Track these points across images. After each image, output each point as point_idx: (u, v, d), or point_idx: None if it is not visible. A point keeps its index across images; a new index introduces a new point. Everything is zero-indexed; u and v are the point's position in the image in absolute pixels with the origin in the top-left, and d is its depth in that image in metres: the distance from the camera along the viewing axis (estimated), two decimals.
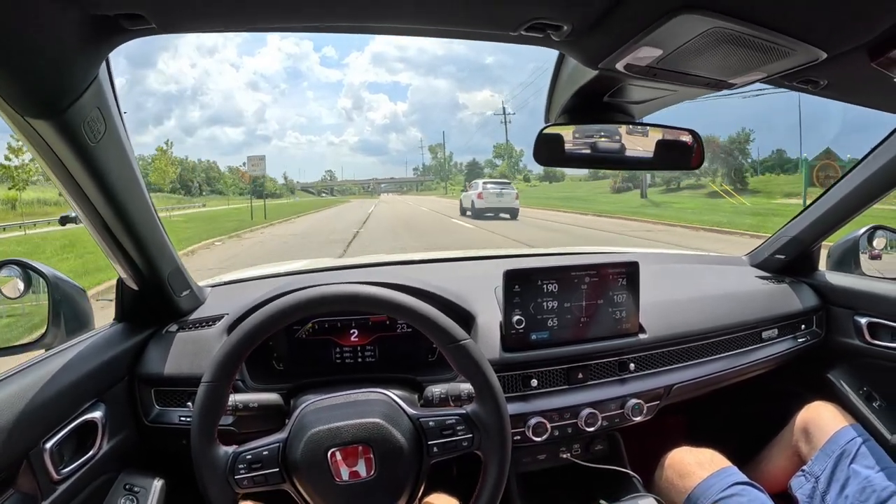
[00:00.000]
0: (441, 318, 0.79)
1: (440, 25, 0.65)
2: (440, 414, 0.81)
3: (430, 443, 0.80)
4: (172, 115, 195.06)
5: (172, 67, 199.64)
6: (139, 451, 1.05)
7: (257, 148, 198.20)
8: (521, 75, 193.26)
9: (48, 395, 0.84)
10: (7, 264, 1.09)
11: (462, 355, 0.79)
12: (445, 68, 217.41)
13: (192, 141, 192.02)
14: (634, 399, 1.13)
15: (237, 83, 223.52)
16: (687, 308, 1.29)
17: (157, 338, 1.11)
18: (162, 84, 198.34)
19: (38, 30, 0.53)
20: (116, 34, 0.61)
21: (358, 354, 1.12)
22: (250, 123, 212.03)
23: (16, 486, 0.78)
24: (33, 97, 0.61)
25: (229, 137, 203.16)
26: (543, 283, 1.10)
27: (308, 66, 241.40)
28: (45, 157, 0.71)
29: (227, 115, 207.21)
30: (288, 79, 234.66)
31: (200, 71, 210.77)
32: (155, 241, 0.97)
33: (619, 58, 0.68)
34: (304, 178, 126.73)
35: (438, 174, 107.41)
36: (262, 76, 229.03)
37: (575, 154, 0.89)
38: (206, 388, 0.76)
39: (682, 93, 0.87)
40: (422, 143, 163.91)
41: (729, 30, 0.58)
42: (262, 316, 0.77)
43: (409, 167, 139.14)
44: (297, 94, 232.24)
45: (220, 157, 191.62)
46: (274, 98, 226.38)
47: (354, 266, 1.55)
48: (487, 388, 0.79)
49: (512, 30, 0.63)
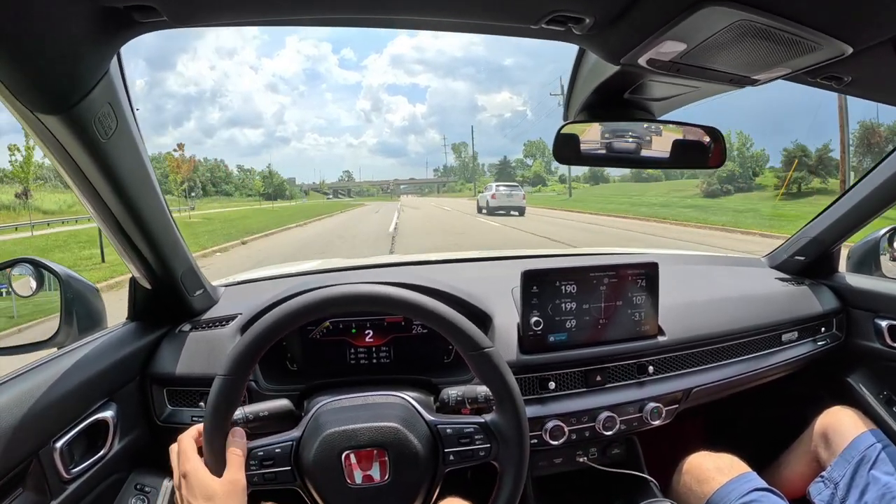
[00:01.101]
0: (465, 323, 0.78)
1: (460, 18, 0.64)
2: (459, 422, 0.80)
3: (447, 450, 0.79)
4: (192, 116, 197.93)
5: (191, 69, 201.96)
6: (150, 451, 1.05)
7: (277, 150, 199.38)
8: (539, 76, 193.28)
9: (59, 394, 0.84)
10: (20, 262, 1.10)
11: (485, 363, 0.78)
12: (464, 70, 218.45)
13: (211, 142, 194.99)
14: (653, 402, 1.12)
15: (256, 85, 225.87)
16: (706, 310, 1.28)
17: (170, 337, 1.11)
18: (181, 86, 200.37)
19: (47, 22, 0.53)
20: (128, 27, 0.60)
21: (373, 355, 1.12)
22: (269, 125, 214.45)
23: (25, 485, 0.78)
24: (43, 92, 0.60)
25: (248, 139, 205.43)
26: (561, 284, 1.09)
27: (327, 68, 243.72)
28: (56, 153, 0.71)
29: (246, 117, 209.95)
30: (307, 80, 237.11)
31: (219, 73, 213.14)
32: (168, 240, 0.96)
33: (641, 52, 0.67)
34: (320, 179, 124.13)
35: (463, 174, 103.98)
36: (280, 78, 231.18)
37: (594, 153, 0.89)
38: (222, 381, 0.75)
39: (703, 89, 0.86)
40: (445, 142, 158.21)
41: (755, 22, 0.57)
42: (286, 309, 0.76)
43: (429, 168, 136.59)
44: (316, 95, 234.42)
45: (239, 158, 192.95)
46: (293, 100, 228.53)
47: (369, 266, 1.55)
48: (509, 399, 0.78)
49: (533, 23, 0.62)
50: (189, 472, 0.72)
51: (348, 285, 0.78)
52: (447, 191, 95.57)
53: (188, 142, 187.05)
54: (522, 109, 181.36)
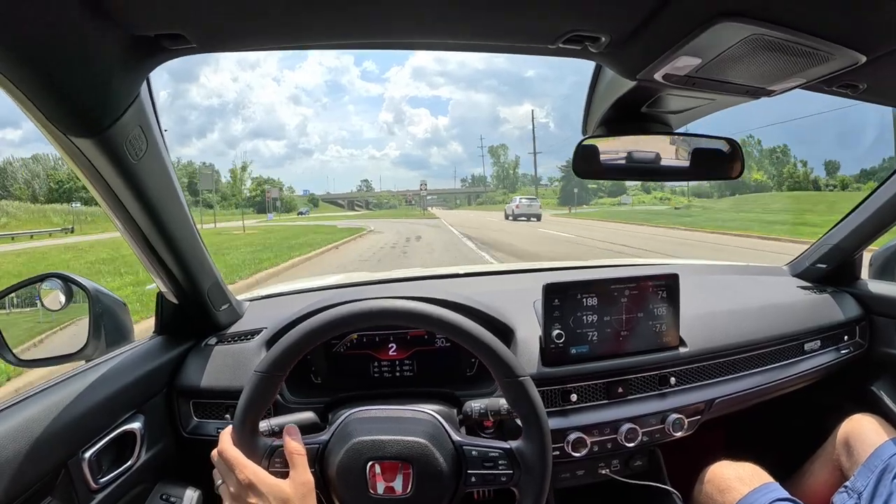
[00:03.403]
0: (503, 349, 0.81)
1: (479, 40, 0.68)
2: (484, 445, 0.83)
3: (470, 471, 0.81)
4: (215, 128, 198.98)
5: (214, 81, 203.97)
6: (176, 462, 1.09)
7: (299, 161, 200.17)
8: (561, 88, 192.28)
9: (88, 406, 0.88)
10: (49, 277, 1.15)
11: (518, 391, 0.80)
12: (486, 82, 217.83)
13: (234, 153, 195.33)
14: (675, 414, 1.14)
15: (279, 97, 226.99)
16: (728, 320, 1.30)
17: (196, 351, 1.15)
18: (204, 98, 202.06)
19: (81, 51, 0.56)
20: (157, 53, 0.64)
21: (396, 368, 1.15)
22: (292, 137, 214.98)
23: (54, 495, 0.81)
24: (76, 116, 0.64)
25: (271, 150, 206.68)
26: (583, 296, 1.11)
27: (349, 80, 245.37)
28: (88, 174, 0.75)
29: (269, 129, 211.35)
30: (329, 93, 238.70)
31: (242, 85, 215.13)
32: (195, 255, 1.01)
33: (657, 68, 0.70)
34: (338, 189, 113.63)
35: (503, 182, 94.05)
36: (303, 90, 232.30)
37: (614, 164, 0.92)
38: (258, 377, 0.78)
39: (720, 101, 0.89)
40: (481, 143, 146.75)
41: (768, 36, 0.60)
42: (326, 318, 0.79)
43: (456, 179, 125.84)
44: (339, 107, 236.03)
45: (262, 169, 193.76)
46: (315, 112, 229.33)
47: (392, 280, 1.58)
48: (537, 428, 0.80)
49: (550, 43, 0.66)
50: (253, 480, 0.72)
51: (393, 300, 0.81)
52: (482, 202, 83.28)
53: (211, 153, 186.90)
54: (545, 121, 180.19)
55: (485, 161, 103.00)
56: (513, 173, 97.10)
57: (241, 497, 0.73)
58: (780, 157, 54.71)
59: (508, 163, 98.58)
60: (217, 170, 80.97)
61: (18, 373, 3.97)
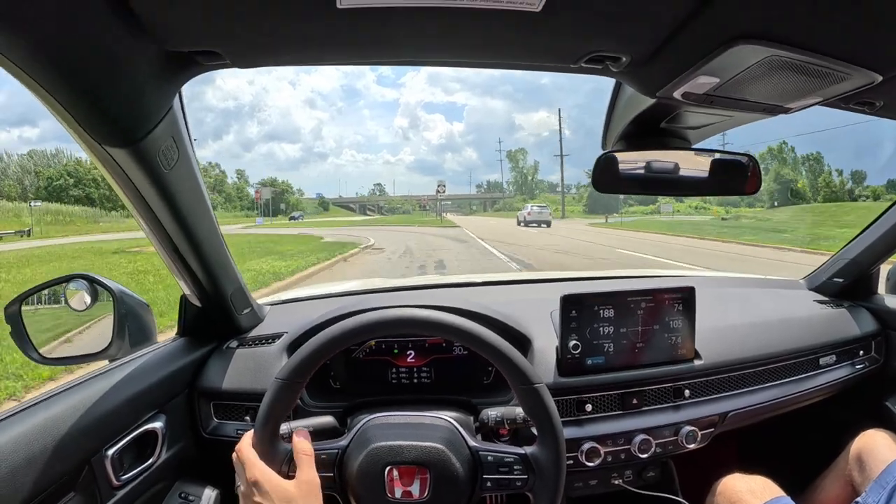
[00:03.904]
0: (519, 357, 0.83)
1: (503, 59, 0.70)
2: (500, 450, 0.85)
3: (485, 476, 0.83)
4: (231, 130, 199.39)
5: (230, 84, 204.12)
6: (195, 462, 1.12)
7: (314, 165, 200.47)
8: (577, 96, 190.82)
9: (112, 405, 0.91)
10: (75, 278, 1.19)
11: (534, 398, 0.82)
12: (502, 88, 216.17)
13: (249, 156, 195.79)
14: (689, 426, 1.15)
15: (294, 101, 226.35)
16: (743, 333, 1.31)
17: (218, 353, 1.18)
18: (220, 100, 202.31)
19: (118, 65, 0.58)
20: (191, 68, 0.66)
21: (414, 375, 1.18)
22: (307, 140, 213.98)
23: (77, 490, 0.83)
24: (112, 128, 0.66)
25: (287, 154, 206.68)
26: (600, 308, 1.13)
27: (364, 85, 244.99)
28: (120, 181, 0.78)
29: (284, 132, 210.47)
30: (345, 97, 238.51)
31: (258, 88, 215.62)
32: (220, 261, 1.04)
33: (676, 86, 0.72)
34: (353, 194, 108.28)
35: (521, 188, 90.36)
36: (319, 94, 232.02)
37: (632, 180, 0.94)
38: (279, 384, 0.80)
39: (738, 118, 0.90)
40: (500, 147, 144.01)
41: (784, 57, 0.61)
42: (346, 326, 0.81)
43: (471, 185, 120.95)
44: (354, 112, 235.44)
45: (277, 172, 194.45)
46: (331, 116, 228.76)
47: (409, 287, 1.60)
48: (552, 435, 0.82)
49: (572, 62, 0.68)
50: (260, 479, 0.74)
51: (412, 309, 0.83)
52: (500, 208, 77.53)
53: (226, 155, 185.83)
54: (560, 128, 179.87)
55: (503, 166, 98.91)
56: (531, 179, 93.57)
57: (249, 495, 0.75)
58: (814, 165, 53.20)
59: (527, 168, 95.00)
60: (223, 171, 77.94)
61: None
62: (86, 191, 42.65)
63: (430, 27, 0.60)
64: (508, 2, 0.53)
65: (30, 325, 1.06)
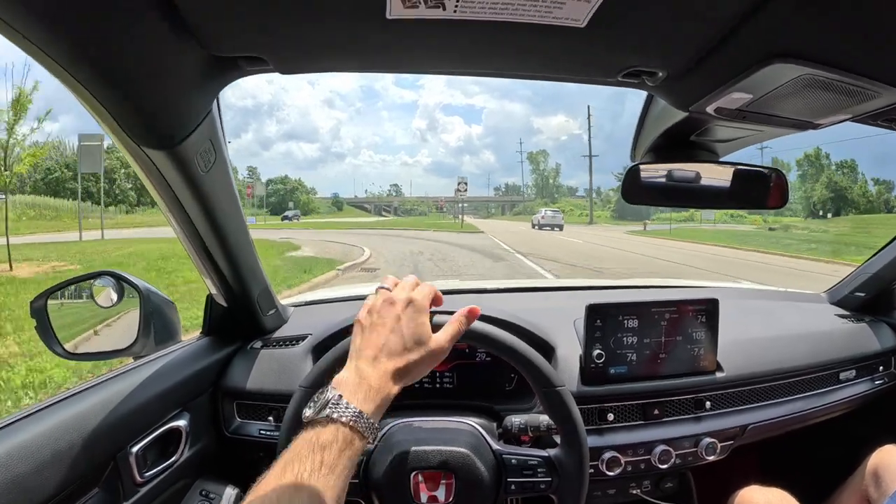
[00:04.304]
0: (541, 360, 0.84)
1: (544, 72, 0.72)
2: (524, 454, 0.86)
3: (510, 479, 0.85)
4: (250, 128, 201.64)
5: (249, 82, 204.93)
6: (217, 460, 1.14)
7: (332, 165, 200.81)
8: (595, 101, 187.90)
9: (138, 402, 0.92)
10: (102, 275, 1.22)
11: (556, 401, 0.84)
12: (521, 92, 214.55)
13: (268, 154, 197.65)
14: (709, 438, 1.15)
15: (313, 100, 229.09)
16: (764, 346, 1.31)
17: (242, 353, 1.20)
18: (239, 98, 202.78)
19: (163, 68, 0.59)
20: (233, 72, 0.68)
21: (437, 380, 1.19)
22: (325, 140, 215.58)
23: (101, 486, 0.85)
24: (153, 130, 0.67)
25: (304, 153, 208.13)
26: (624, 318, 1.13)
27: (383, 86, 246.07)
28: (155, 181, 0.79)
29: (302, 131, 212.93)
30: (363, 98, 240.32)
31: (277, 87, 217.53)
32: (248, 262, 1.05)
33: (709, 102, 0.73)
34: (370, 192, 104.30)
35: (541, 192, 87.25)
36: (337, 94, 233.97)
37: (662, 192, 0.95)
38: (304, 392, 0.82)
39: (767, 132, 0.91)
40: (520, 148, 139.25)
41: (818, 76, 0.62)
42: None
43: (490, 187, 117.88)
44: (373, 113, 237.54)
45: (295, 171, 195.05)
46: (349, 116, 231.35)
47: None
48: (575, 437, 0.83)
49: (610, 77, 0.70)
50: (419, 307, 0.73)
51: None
52: (519, 212, 74.08)
53: (245, 154, 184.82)
54: (578, 133, 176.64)
55: (523, 167, 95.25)
56: (553, 182, 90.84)
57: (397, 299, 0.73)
58: (848, 172, 51.07)
59: (549, 170, 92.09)
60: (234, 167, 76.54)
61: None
62: (84, 184, 42.21)
63: (475, 39, 0.61)
64: (554, 17, 0.54)
65: (55, 321, 1.08)
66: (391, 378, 0.68)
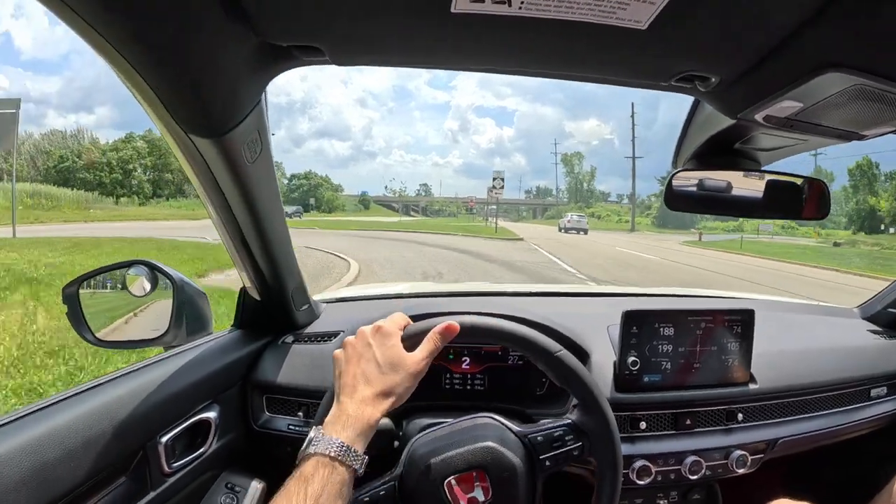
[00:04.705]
0: (533, 333, 0.85)
1: (599, 74, 0.72)
2: (547, 428, 0.86)
3: (542, 457, 0.84)
4: (282, 125, 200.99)
5: (282, 80, 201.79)
6: (244, 453, 1.14)
7: (363, 163, 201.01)
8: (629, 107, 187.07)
9: (169, 393, 0.93)
10: (136, 263, 1.23)
11: (560, 365, 0.84)
12: (553, 95, 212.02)
13: (300, 152, 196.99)
14: (739, 450, 1.15)
15: (346, 99, 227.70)
16: (796, 359, 1.30)
17: (273, 347, 1.20)
18: (272, 95, 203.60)
19: (216, 54, 0.59)
20: (286, 61, 0.67)
21: (468, 382, 1.19)
22: (357, 139, 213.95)
23: (128, 475, 0.85)
24: (203, 118, 0.67)
25: (336, 151, 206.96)
26: (660, 326, 1.13)
27: (416, 86, 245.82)
28: (199, 171, 0.78)
29: (335, 129, 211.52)
30: (396, 97, 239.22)
31: (311, 84, 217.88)
32: (285, 256, 1.06)
33: (759, 109, 0.74)
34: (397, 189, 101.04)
35: (575, 196, 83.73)
36: (370, 93, 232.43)
37: (706, 200, 0.95)
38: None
39: (812, 142, 0.91)
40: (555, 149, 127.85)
41: (869, 87, 0.63)
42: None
43: (521, 190, 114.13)
44: (405, 113, 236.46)
45: (326, 169, 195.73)
46: (381, 115, 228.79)
47: (464, 293, 1.61)
48: (591, 397, 0.84)
49: (664, 80, 0.70)
50: (386, 332, 0.78)
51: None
52: (552, 216, 67.80)
53: (277, 150, 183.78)
54: (610, 138, 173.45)
55: (557, 170, 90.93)
56: (587, 185, 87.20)
57: (365, 333, 0.79)
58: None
59: (583, 174, 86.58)
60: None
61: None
62: (95, 174, 40.59)
63: (535, 37, 0.61)
64: (617, 18, 0.55)
65: (86, 308, 1.09)
66: (370, 404, 0.72)
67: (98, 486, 0.78)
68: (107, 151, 43.41)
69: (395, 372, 0.74)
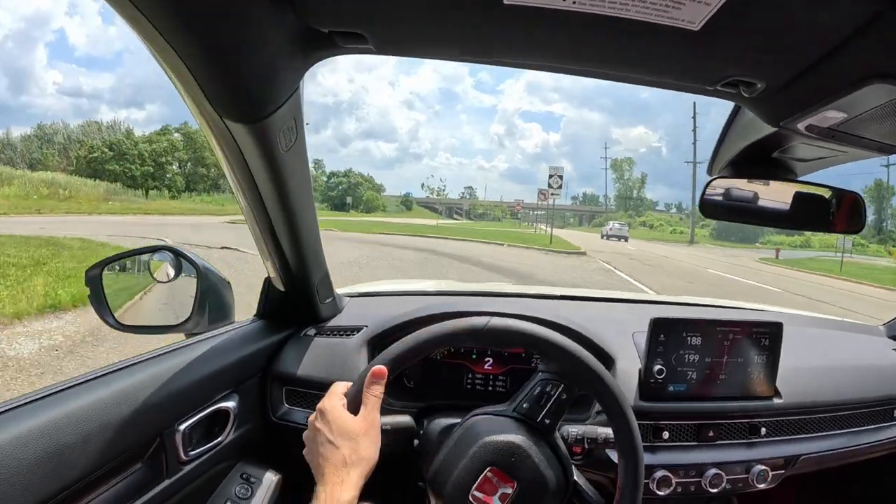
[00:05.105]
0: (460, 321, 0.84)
1: (646, 75, 0.72)
2: (525, 393, 0.87)
3: (539, 420, 0.84)
4: (329, 125, 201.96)
5: (330, 80, 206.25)
6: (260, 444, 1.14)
7: (409, 165, 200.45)
8: (673, 116, 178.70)
9: (189, 380, 0.93)
10: (161, 249, 1.24)
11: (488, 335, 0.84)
12: (600, 101, 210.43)
13: (345, 151, 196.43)
14: (760, 465, 1.13)
15: (393, 101, 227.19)
16: (820, 376, 1.29)
17: (295, 339, 1.20)
18: (320, 95, 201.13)
19: (257, 38, 0.57)
20: (328, 48, 0.65)
21: (489, 383, 1.19)
22: (403, 140, 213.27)
23: (144, 461, 0.85)
24: (241, 102, 0.65)
25: (382, 152, 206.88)
26: (688, 335, 1.12)
27: (463, 90, 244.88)
28: (232, 157, 0.77)
29: (381, 131, 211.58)
30: (442, 100, 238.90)
31: (358, 86, 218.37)
32: (313, 247, 1.05)
33: (801, 118, 0.73)
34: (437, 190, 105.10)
35: (624, 203, 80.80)
36: (417, 96, 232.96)
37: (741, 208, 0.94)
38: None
39: (851, 154, 0.90)
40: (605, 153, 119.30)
41: None
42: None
43: (567, 196, 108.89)
44: (451, 116, 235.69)
45: (372, 170, 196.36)
46: (428, 118, 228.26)
47: (489, 294, 1.61)
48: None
49: (710, 84, 0.70)
50: (328, 409, 0.79)
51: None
52: (600, 223, 65.88)
53: (323, 149, 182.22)
54: (658, 146, 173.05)
55: (607, 175, 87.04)
56: (637, 193, 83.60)
57: (312, 421, 0.80)
58: None
59: (633, 180, 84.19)
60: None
61: None
62: (126, 166, 40.47)
63: (586, 34, 0.60)
64: (670, 17, 0.54)
65: (109, 291, 1.09)
66: (339, 484, 0.74)
67: (114, 471, 0.78)
68: (139, 143, 43.39)
69: (349, 440, 0.76)
